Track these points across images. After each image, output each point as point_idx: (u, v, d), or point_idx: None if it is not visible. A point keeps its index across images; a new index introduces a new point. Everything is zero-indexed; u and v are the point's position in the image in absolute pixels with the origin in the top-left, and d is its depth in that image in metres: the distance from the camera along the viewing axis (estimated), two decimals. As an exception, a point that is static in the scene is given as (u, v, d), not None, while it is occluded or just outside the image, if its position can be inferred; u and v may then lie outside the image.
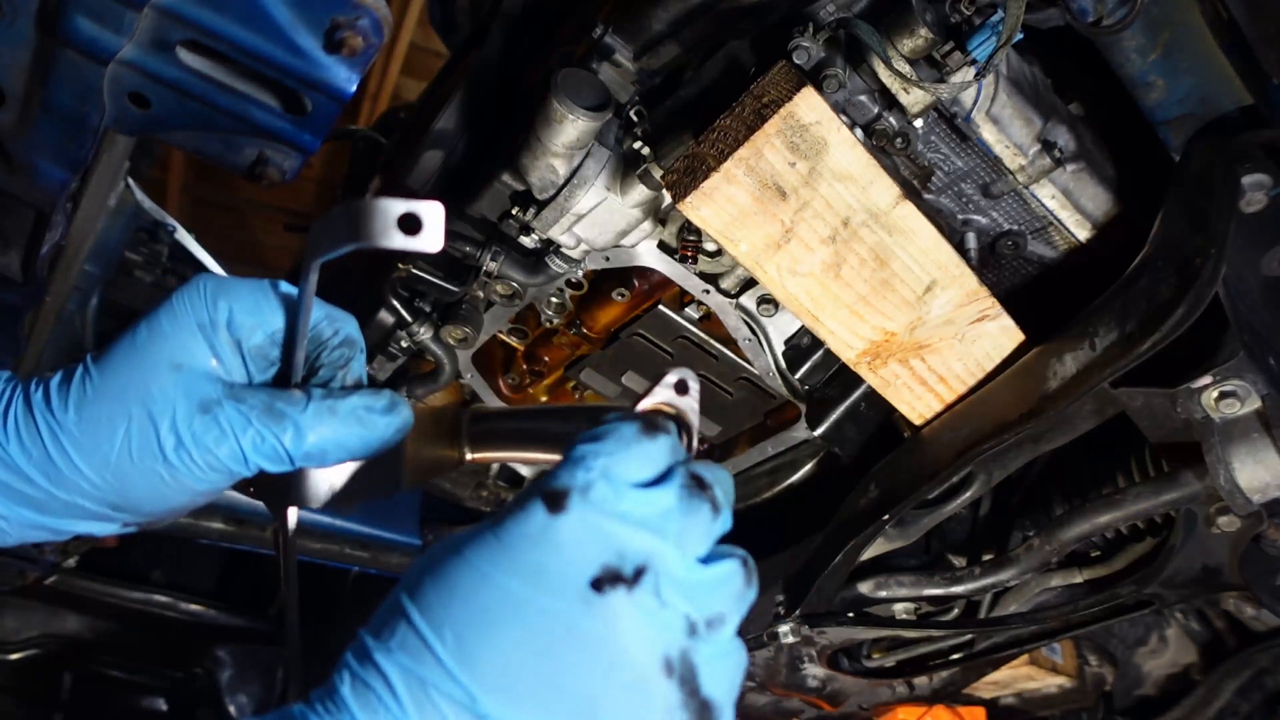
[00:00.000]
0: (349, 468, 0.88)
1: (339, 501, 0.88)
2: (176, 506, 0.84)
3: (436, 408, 0.99)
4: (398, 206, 0.73)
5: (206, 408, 0.80)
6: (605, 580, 0.66)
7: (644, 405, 0.86)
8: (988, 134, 1.39)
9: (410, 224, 0.73)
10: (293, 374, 0.85)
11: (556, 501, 0.68)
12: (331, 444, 0.82)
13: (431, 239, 0.73)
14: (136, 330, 0.82)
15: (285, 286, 0.88)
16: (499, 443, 0.96)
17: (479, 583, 0.65)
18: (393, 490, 0.91)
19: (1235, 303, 1.23)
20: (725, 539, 0.78)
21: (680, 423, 0.86)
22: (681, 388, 0.87)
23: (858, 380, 1.57)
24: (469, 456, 0.96)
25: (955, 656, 1.86)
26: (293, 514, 0.89)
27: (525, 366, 2.02)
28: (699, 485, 0.74)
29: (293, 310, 0.86)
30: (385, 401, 0.85)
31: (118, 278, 2.54)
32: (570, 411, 0.93)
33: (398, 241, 0.72)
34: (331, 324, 0.89)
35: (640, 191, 1.46)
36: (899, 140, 1.35)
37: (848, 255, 1.32)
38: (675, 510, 0.71)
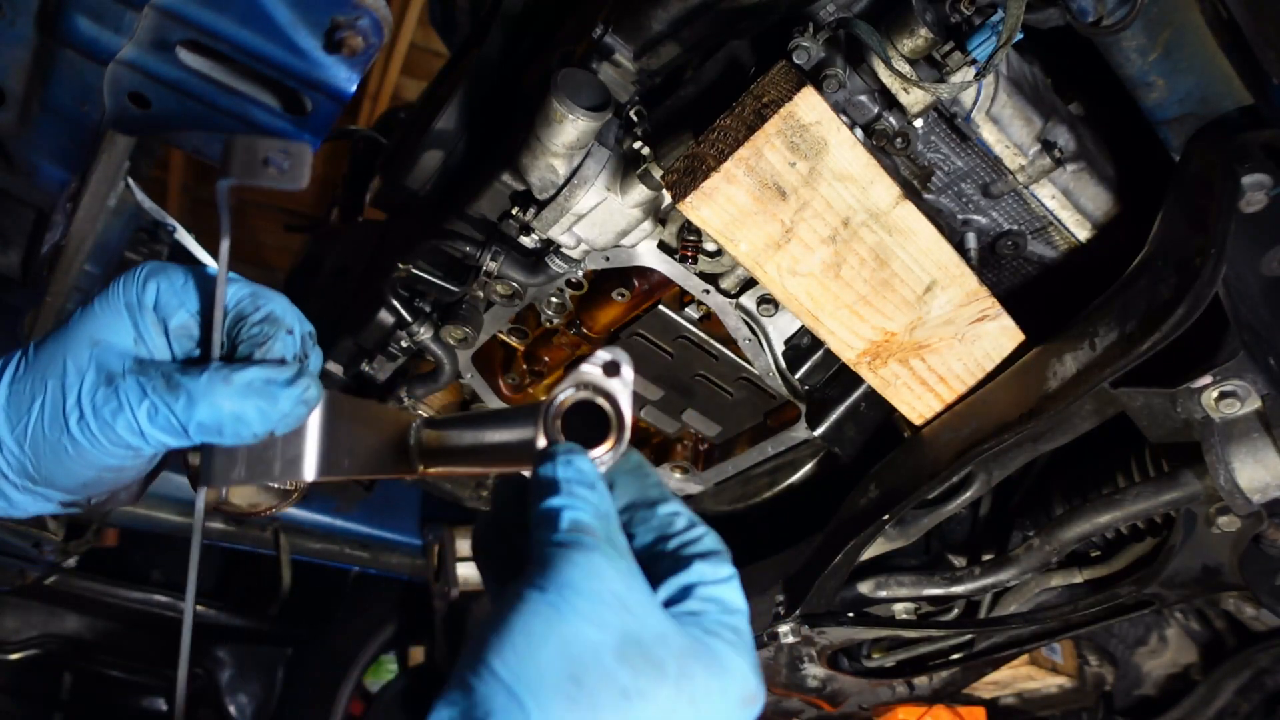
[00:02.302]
0: (259, 446, 0.84)
1: (244, 481, 0.84)
2: (87, 482, 0.84)
3: (392, 411, 0.95)
4: (264, 145, 0.75)
5: (110, 380, 0.80)
6: None
7: (568, 384, 0.82)
8: (988, 134, 1.39)
9: (275, 162, 0.75)
10: (210, 349, 0.83)
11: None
12: (228, 416, 0.79)
13: (296, 176, 0.75)
14: (73, 313, 0.84)
15: (214, 272, 0.86)
16: (450, 457, 0.92)
17: None
18: (299, 478, 0.86)
19: (1235, 303, 1.23)
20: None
21: (610, 408, 0.82)
22: (612, 369, 0.83)
23: (858, 380, 1.57)
24: (420, 470, 0.93)
25: (955, 656, 1.85)
26: (200, 496, 0.85)
27: (525, 366, 2.02)
28: None
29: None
30: (289, 374, 0.81)
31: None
32: (511, 415, 0.89)
33: (263, 179, 0.74)
34: (255, 300, 0.86)
35: (640, 191, 1.46)
36: (899, 140, 1.35)
37: (848, 255, 1.32)
38: None
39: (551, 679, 0.62)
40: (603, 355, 0.82)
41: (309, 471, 0.86)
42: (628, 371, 0.83)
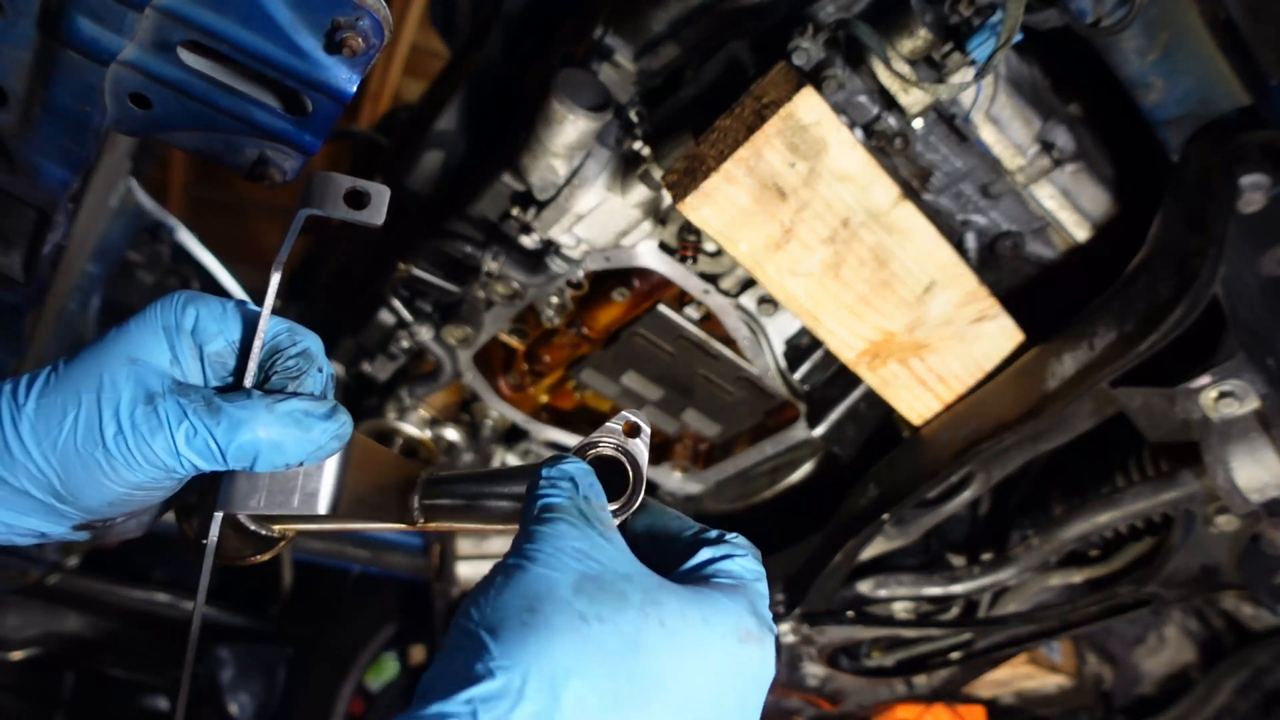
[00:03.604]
0: (281, 477, 0.87)
1: (262, 509, 0.87)
2: (115, 500, 0.84)
3: (402, 461, 0.98)
4: (345, 181, 0.81)
5: (150, 399, 0.81)
6: None
7: (589, 439, 0.87)
8: (987, 134, 1.40)
9: (356, 199, 0.80)
10: (245, 377, 0.85)
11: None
12: (266, 444, 0.81)
13: (374, 214, 0.81)
14: (108, 332, 0.85)
15: (255, 308, 0.89)
16: (452, 514, 0.95)
17: None
18: (314, 511, 0.89)
19: (1234, 303, 1.23)
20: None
21: (629, 465, 0.86)
22: (632, 430, 0.87)
23: (857, 380, 1.58)
24: (420, 524, 0.96)
25: (954, 655, 1.86)
26: (216, 520, 0.87)
27: (525, 366, 2.02)
28: None
29: (255, 325, 0.87)
30: (326, 409, 0.84)
31: (119, 278, 2.55)
32: (517, 472, 0.92)
33: (343, 212, 0.80)
34: (292, 336, 0.89)
35: (640, 191, 1.47)
36: (898, 140, 1.35)
37: (847, 255, 1.33)
38: None
39: (508, 616, 0.67)
40: (627, 415, 0.86)
41: (324, 506, 0.88)
42: (646, 433, 0.87)
